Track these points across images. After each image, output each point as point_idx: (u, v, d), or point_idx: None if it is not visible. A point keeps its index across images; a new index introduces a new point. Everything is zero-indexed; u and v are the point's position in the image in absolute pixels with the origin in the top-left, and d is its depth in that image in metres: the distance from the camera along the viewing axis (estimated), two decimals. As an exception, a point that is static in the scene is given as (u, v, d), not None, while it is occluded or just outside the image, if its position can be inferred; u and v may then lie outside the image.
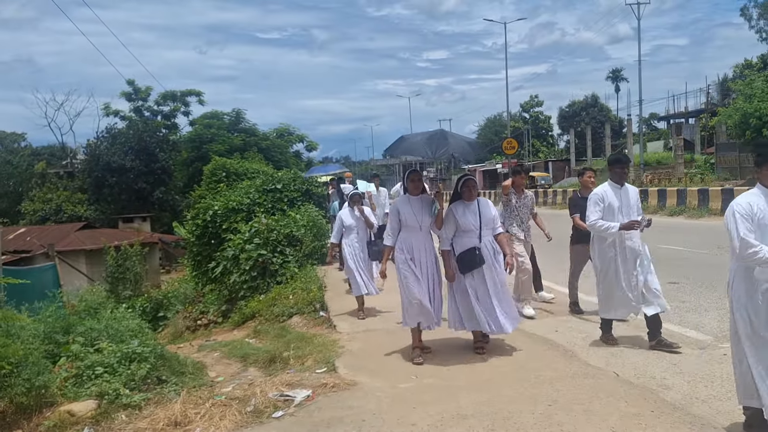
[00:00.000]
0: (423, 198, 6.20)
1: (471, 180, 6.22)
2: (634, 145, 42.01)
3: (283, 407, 5.04)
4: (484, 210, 6.08)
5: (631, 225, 5.96)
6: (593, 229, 6.10)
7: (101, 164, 35.26)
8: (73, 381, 5.84)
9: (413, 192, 6.18)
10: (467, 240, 5.99)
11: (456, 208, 6.07)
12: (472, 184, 6.18)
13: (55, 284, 13.49)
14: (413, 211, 6.11)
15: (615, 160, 6.35)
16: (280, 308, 9.50)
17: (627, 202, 6.12)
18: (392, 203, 6.39)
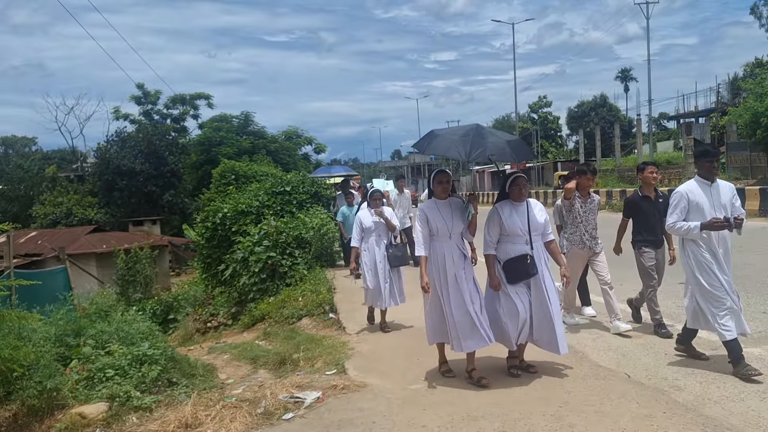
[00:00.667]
0: (452, 202, 5.51)
1: (521, 178, 5.44)
2: (644, 145, 41.81)
3: (294, 409, 5.04)
4: (534, 213, 5.43)
5: (716, 223, 5.21)
6: (673, 231, 5.50)
7: (111, 168, 35.46)
8: (84, 383, 5.87)
9: (441, 195, 5.51)
10: (514, 246, 5.35)
11: (502, 208, 5.42)
12: (523, 182, 5.44)
13: (66, 287, 13.58)
14: (442, 216, 5.44)
15: (703, 153, 5.56)
16: (290, 310, 9.51)
17: (719, 200, 5.37)
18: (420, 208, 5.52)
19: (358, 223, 7.81)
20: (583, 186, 6.99)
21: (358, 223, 7.81)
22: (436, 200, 5.51)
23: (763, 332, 6.32)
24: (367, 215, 7.83)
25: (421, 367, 5.96)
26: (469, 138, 5.19)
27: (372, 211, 7.80)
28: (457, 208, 5.49)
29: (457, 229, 5.45)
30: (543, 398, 4.87)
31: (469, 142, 5.12)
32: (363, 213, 7.90)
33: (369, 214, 7.82)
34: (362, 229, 7.79)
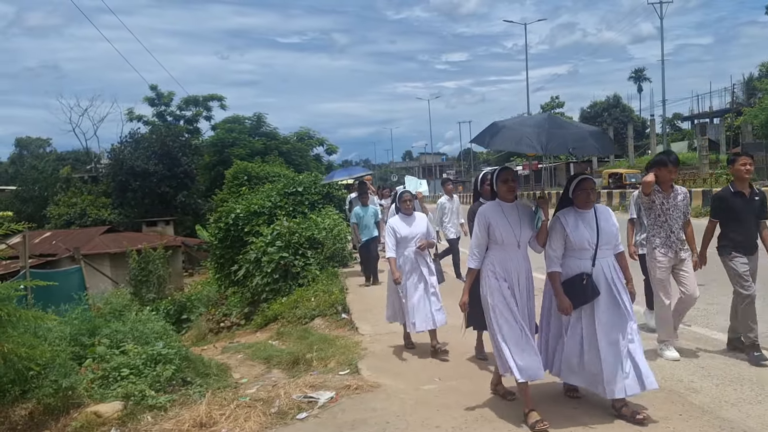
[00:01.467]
0: (519, 205, 4.77)
1: (589, 180, 4.66)
2: (658, 146, 41.55)
3: (307, 409, 5.05)
4: (605, 222, 4.60)
5: None
6: None
7: (125, 169, 35.72)
8: (99, 382, 5.91)
9: (507, 196, 4.74)
10: (575, 262, 4.58)
11: (566, 217, 4.61)
12: (590, 185, 4.65)
13: (81, 287, 13.69)
14: (509, 221, 4.67)
15: None
16: (303, 310, 9.53)
17: None
18: (481, 212, 4.77)
19: (390, 231, 6.61)
20: (663, 179, 5.82)
21: (390, 231, 6.61)
22: (501, 203, 4.72)
23: None
24: (400, 222, 6.63)
25: (434, 368, 5.95)
26: (544, 128, 4.45)
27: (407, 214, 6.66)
28: (525, 214, 4.72)
29: (525, 237, 4.69)
30: (556, 400, 4.84)
31: (545, 132, 4.40)
32: (395, 221, 6.65)
33: (401, 219, 6.65)
34: (396, 239, 6.58)
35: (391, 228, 6.60)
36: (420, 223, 6.61)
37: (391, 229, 6.59)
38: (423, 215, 6.74)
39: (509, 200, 4.74)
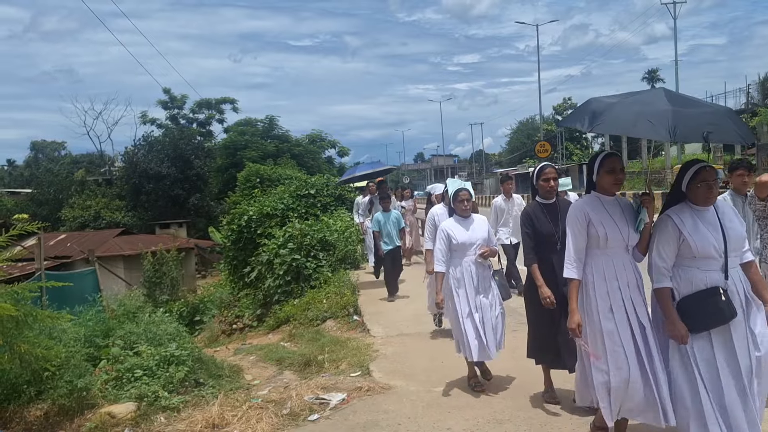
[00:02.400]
0: (621, 201, 3.89)
1: (710, 171, 3.60)
2: (672, 147, 41.26)
3: (319, 410, 5.07)
4: (729, 222, 3.60)
5: None
6: None
7: (138, 171, 35.96)
8: (113, 383, 5.95)
9: (611, 189, 3.84)
10: (698, 275, 3.53)
11: (680, 217, 3.59)
12: (713, 176, 3.58)
13: (95, 289, 13.77)
14: (614, 219, 3.77)
15: None
16: (314, 312, 9.56)
17: None
18: (578, 207, 3.89)
19: (443, 236, 5.41)
20: None
21: (443, 236, 5.41)
22: (600, 196, 3.84)
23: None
24: (456, 225, 5.45)
25: (445, 370, 5.95)
26: (668, 108, 3.40)
27: (463, 217, 5.48)
28: (628, 212, 3.83)
29: (633, 238, 3.78)
30: (569, 403, 4.83)
31: (671, 113, 3.35)
32: (449, 225, 5.48)
33: (457, 222, 5.49)
34: (449, 247, 5.40)
35: (445, 233, 5.37)
36: (480, 226, 5.46)
37: (445, 235, 5.36)
38: (482, 217, 5.62)
39: (612, 194, 3.87)
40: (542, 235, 4.63)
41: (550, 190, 4.68)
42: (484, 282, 5.34)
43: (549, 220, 4.65)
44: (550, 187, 4.66)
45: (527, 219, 4.74)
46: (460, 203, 5.47)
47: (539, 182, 4.74)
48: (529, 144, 61.92)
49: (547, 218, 4.66)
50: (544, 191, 4.71)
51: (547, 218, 4.66)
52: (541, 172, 4.75)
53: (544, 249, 4.63)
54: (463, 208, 5.45)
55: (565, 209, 4.35)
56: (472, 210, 5.52)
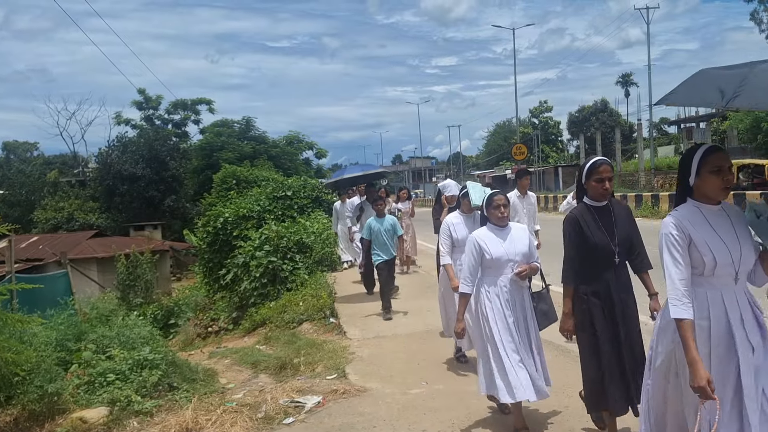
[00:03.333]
0: (730, 208, 2.98)
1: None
2: (645, 150, 41.83)
3: (294, 414, 5.05)
4: None
5: None
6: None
7: (112, 173, 35.50)
8: (85, 388, 5.87)
9: (719, 195, 2.92)
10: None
11: None
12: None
13: (67, 292, 13.54)
14: (720, 236, 2.85)
15: None
16: (291, 315, 9.51)
17: None
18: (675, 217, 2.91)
19: (474, 250, 4.40)
20: None
21: (474, 250, 4.40)
22: (699, 206, 2.91)
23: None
24: (488, 236, 4.44)
25: (421, 372, 5.96)
26: None
27: (516, 266, 4.36)
28: (741, 224, 2.92)
29: (747, 262, 2.86)
30: (545, 403, 4.86)
31: None
32: (482, 234, 4.46)
33: (490, 231, 4.47)
34: (480, 262, 4.41)
35: (477, 246, 4.39)
36: (520, 238, 4.45)
37: (477, 248, 4.38)
38: (522, 226, 4.75)
39: (717, 202, 2.93)
40: (595, 246, 3.70)
41: (603, 193, 3.75)
42: (522, 306, 4.40)
43: (602, 228, 3.75)
44: (604, 190, 3.74)
45: (575, 226, 3.76)
46: (496, 210, 4.47)
47: (590, 182, 3.79)
48: (506, 146, 62.39)
49: (599, 225, 3.75)
50: (597, 193, 3.78)
51: (600, 225, 3.75)
52: (593, 170, 3.77)
53: (597, 264, 3.74)
54: (500, 215, 4.45)
55: (622, 214, 3.82)
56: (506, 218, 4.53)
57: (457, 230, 5.77)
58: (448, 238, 5.80)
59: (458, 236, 5.70)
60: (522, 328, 4.36)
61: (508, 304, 4.34)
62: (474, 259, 4.39)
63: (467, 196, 5.66)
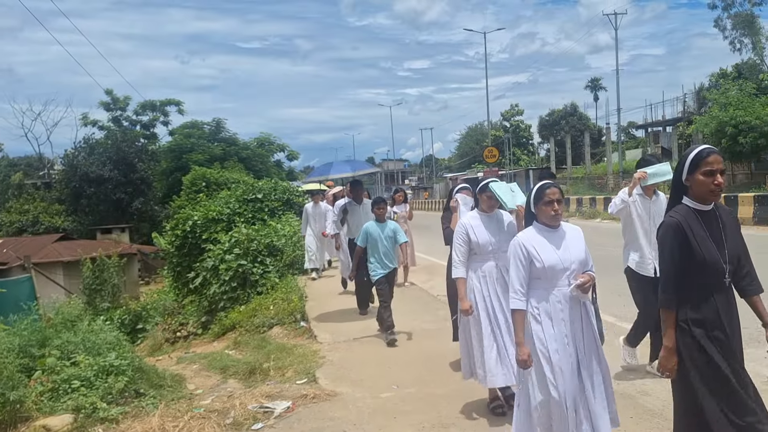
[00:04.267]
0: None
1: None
2: (613, 153, 42.48)
3: (263, 419, 5.00)
4: None
5: None
6: None
7: (79, 175, 34.91)
8: (48, 395, 5.77)
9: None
10: None
11: None
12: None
13: (31, 296, 13.30)
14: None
15: None
16: (261, 319, 9.43)
17: None
18: None
19: (521, 257, 3.56)
20: None
21: (521, 257, 3.56)
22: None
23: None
24: (537, 239, 3.59)
25: (392, 376, 5.95)
26: None
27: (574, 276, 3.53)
28: None
29: None
30: (513, 405, 4.89)
31: None
32: (529, 238, 3.60)
33: (539, 234, 3.61)
34: (533, 271, 3.55)
35: (524, 252, 3.54)
36: (575, 241, 3.63)
37: (524, 254, 3.54)
38: (575, 227, 3.74)
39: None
40: (703, 262, 2.96)
41: (714, 190, 2.99)
42: (581, 327, 3.56)
43: (711, 239, 3.00)
44: (715, 185, 2.97)
45: (678, 234, 2.97)
46: (549, 206, 3.57)
47: (696, 176, 2.99)
48: (478, 149, 62.82)
49: (707, 235, 3.00)
50: (705, 192, 3.00)
51: (708, 235, 3.00)
52: (700, 160, 2.99)
53: (704, 286, 3.00)
54: (553, 213, 3.56)
55: (729, 221, 3.11)
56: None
57: (476, 233, 4.68)
58: (464, 244, 4.68)
59: (478, 240, 4.66)
60: (584, 358, 3.51)
61: (564, 326, 3.50)
62: (523, 268, 3.54)
63: (487, 189, 4.76)
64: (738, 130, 25.69)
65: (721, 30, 41.79)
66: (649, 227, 5.23)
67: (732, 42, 41.32)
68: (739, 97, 27.43)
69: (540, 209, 3.63)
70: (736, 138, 25.65)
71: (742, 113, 25.98)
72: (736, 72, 40.08)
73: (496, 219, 4.80)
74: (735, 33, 40.92)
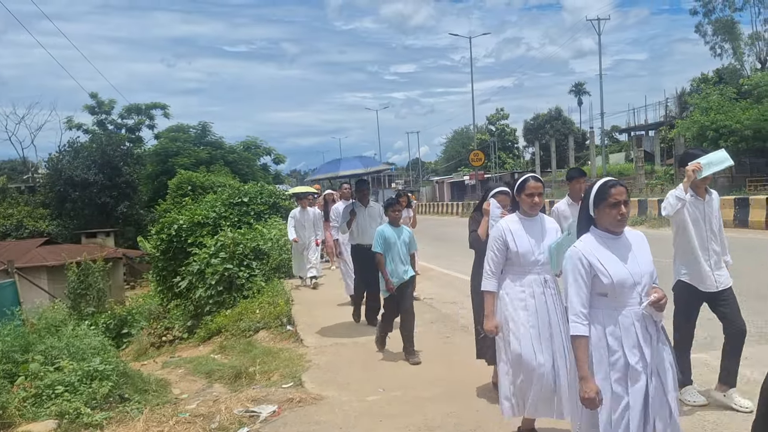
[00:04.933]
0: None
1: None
2: (597, 157, 42.82)
3: (249, 423, 4.99)
4: None
5: None
6: None
7: (63, 178, 34.64)
8: (32, 401, 5.72)
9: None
10: None
11: None
12: None
13: (15, 302, 13.17)
14: None
15: None
16: (247, 323, 9.41)
17: None
18: None
19: (582, 271, 2.97)
20: None
21: (582, 271, 2.97)
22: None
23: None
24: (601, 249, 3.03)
25: (379, 379, 5.96)
26: None
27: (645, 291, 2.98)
28: None
29: None
30: (499, 409, 4.91)
31: None
32: (592, 246, 3.03)
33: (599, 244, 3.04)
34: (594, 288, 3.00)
35: (586, 262, 2.95)
36: (642, 250, 3.09)
37: (586, 266, 2.95)
38: (639, 233, 3.17)
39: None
40: None
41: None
42: (654, 348, 2.98)
43: None
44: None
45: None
46: (614, 209, 2.99)
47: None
48: (464, 153, 63.01)
49: None
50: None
51: None
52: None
53: None
54: (619, 218, 3.01)
55: None
56: None
57: (516, 240, 3.99)
58: (499, 253, 4.02)
59: (518, 249, 3.98)
60: (659, 391, 2.95)
61: (637, 353, 2.92)
62: (585, 285, 2.95)
63: (528, 182, 4.04)
64: (719, 134, 26.06)
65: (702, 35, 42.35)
66: (706, 233, 4.53)
67: (713, 47, 41.90)
68: (720, 102, 27.83)
69: (602, 212, 3.04)
70: (717, 142, 26.01)
71: (722, 117, 26.35)
72: (717, 77, 40.62)
73: (539, 223, 4.10)
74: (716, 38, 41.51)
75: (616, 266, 2.96)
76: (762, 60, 40.48)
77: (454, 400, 5.16)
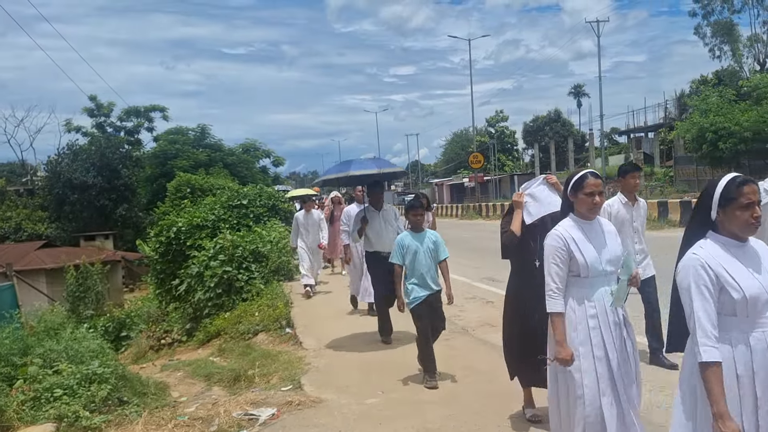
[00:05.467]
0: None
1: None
2: (596, 159, 42.83)
3: (248, 426, 4.98)
4: None
5: None
6: None
7: (62, 181, 34.59)
8: (30, 404, 5.72)
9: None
10: None
11: None
12: None
13: (13, 305, 13.16)
14: None
15: None
16: (246, 326, 9.40)
17: None
18: None
19: (706, 285, 2.44)
20: None
21: (706, 285, 2.44)
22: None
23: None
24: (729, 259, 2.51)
25: (378, 381, 5.96)
26: None
27: None
28: None
29: None
30: (498, 411, 4.92)
31: None
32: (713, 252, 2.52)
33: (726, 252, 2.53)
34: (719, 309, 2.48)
35: (712, 275, 2.46)
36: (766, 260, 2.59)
37: (713, 279, 2.46)
38: (759, 242, 2.65)
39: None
40: None
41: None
42: None
43: None
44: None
45: None
46: (747, 211, 2.50)
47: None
48: (463, 155, 63.00)
49: None
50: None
51: None
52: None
53: None
54: (752, 221, 2.50)
55: None
56: None
57: (581, 248, 3.37)
58: (563, 264, 3.37)
59: (585, 258, 3.35)
60: None
61: None
62: (713, 300, 2.44)
63: (586, 179, 3.44)
64: (718, 135, 26.06)
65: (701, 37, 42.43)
66: None
67: (712, 49, 41.97)
68: (719, 104, 27.85)
69: (732, 215, 2.50)
70: (716, 144, 26.03)
71: (722, 119, 26.37)
72: (716, 79, 40.64)
73: (599, 227, 3.52)
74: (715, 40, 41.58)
75: (747, 279, 2.44)
76: (761, 62, 40.58)
77: (453, 403, 5.16)
